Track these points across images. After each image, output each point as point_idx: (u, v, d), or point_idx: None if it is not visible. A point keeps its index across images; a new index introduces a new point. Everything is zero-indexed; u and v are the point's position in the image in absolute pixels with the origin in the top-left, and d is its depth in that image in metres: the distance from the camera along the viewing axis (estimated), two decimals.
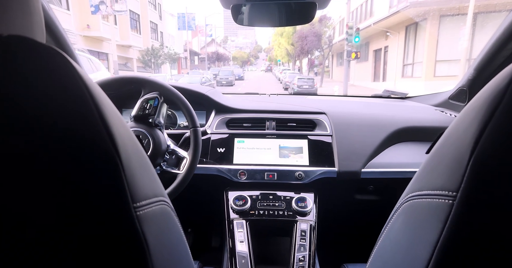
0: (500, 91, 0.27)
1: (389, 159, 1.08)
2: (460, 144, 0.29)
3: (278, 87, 19.07)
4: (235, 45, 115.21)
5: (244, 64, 77.74)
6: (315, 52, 23.27)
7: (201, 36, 38.77)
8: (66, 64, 0.26)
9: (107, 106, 0.28)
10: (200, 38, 40.31)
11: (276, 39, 32.21)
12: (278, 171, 1.05)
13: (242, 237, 0.95)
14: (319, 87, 16.27)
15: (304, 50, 22.19)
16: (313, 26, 20.41)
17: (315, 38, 20.47)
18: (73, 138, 0.25)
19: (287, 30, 26.50)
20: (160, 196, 0.34)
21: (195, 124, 0.93)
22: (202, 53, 38.37)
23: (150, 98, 0.91)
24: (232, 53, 71.89)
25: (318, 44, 20.77)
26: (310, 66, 28.36)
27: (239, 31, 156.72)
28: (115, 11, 13.25)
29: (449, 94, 1.29)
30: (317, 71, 26.98)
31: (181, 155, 0.95)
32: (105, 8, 13.08)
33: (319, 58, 26.23)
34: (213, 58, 43.14)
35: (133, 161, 0.28)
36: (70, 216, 0.25)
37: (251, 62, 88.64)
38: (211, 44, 49.32)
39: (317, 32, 20.42)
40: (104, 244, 0.26)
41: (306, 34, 21.04)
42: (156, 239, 0.30)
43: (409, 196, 0.37)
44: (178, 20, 26.39)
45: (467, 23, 8.89)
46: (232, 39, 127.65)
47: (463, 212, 0.27)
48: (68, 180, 0.24)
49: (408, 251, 0.34)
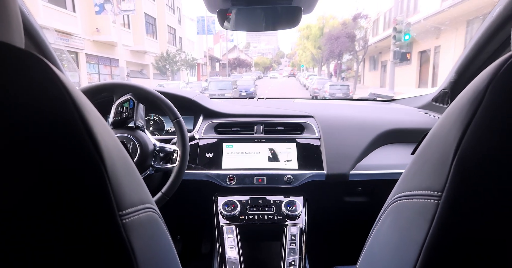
0: (479, 93, 0.28)
1: (376, 160, 1.09)
2: (443, 144, 0.30)
3: (305, 94, 17.03)
4: (257, 51, 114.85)
5: (266, 70, 76.53)
6: (345, 55, 21.04)
7: (222, 41, 37.63)
8: (47, 70, 0.25)
9: (90, 113, 0.27)
10: (221, 44, 39.26)
11: (301, 43, 30.35)
12: (267, 175, 1.05)
13: (232, 243, 0.94)
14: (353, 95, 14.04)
15: (334, 53, 19.97)
16: (346, 26, 18.25)
17: (347, 39, 18.22)
18: (56, 147, 0.24)
19: (313, 33, 24.53)
20: (147, 203, 0.34)
21: (176, 116, 0.92)
22: (224, 59, 37.19)
23: (124, 101, 0.89)
24: (254, 59, 70.87)
25: (351, 46, 18.46)
26: (336, 71, 26.00)
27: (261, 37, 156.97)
28: (121, 10, 11.91)
29: (432, 97, 1.31)
30: (345, 77, 24.71)
31: (170, 149, 0.94)
32: (111, 7, 11.76)
33: (347, 62, 23.94)
34: (234, 64, 41.92)
35: (118, 168, 0.28)
36: (54, 224, 0.24)
37: (273, 68, 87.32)
38: (233, 50, 48.35)
39: (350, 33, 18.16)
40: (89, 253, 0.26)
41: (337, 36, 18.85)
42: (143, 247, 0.29)
43: (396, 197, 0.38)
44: (197, 24, 25.12)
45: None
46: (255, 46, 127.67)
47: (448, 211, 0.28)
48: (51, 189, 0.24)
49: (396, 252, 0.34)
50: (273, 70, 73.57)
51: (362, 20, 18.50)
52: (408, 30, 9.36)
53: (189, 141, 0.93)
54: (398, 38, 9.50)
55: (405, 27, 9.32)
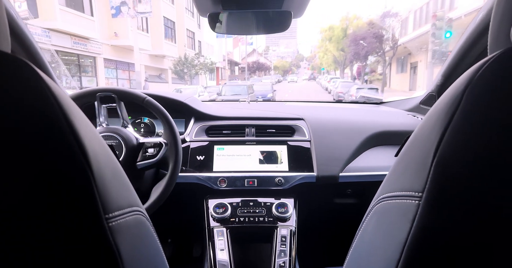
0: (457, 96, 0.29)
1: (365, 162, 1.10)
2: (424, 146, 0.30)
3: (328, 98, 16.07)
4: (276, 55, 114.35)
5: (286, 73, 75.73)
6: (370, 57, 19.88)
7: (241, 45, 37.26)
8: (33, 75, 0.25)
9: (77, 117, 0.27)
10: (241, 48, 38.93)
11: (323, 46, 29.37)
12: (258, 178, 1.05)
13: (222, 245, 0.94)
14: None
15: (359, 55, 18.89)
16: (372, 26, 17.16)
17: (374, 39, 17.10)
18: (42, 151, 0.24)
19: (336, 34, 23.53)
20: (135, 206, 0.33)
21: None
22: (243, 63, 36.81)
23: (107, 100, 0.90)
24: (274, 63, 70.30)
25: (379, 47, 17.32)
26: (360, 74, 24.74)
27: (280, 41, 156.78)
28: (138, 13, 11.51)
29: (420, 100, 1.32)
30: (368, 79, 23.44)
31: (155, 141, 0.93)
32: (127, 10, 11.40)
33: (371, 64, 22.70)
34: (253, 68, 41.46)
35: (105, 171, 0.28)
36: (39, 228, 0.24)
37: (293, 71, 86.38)
38: (252, 54, 47.99)
39: (378, 33, 17.04)
40: (75, 256, 0.25)
41: (363, 36, 17.78)
42: (130, 250, 0.29)
43: (380, 198, 0.38)
44: None
45: None
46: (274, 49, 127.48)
47: (428, 211, 0.28)
48: (36, 193, 0.24)
49: (380, 252, 0.35)
50: (292, 74, 72.58)
51: (391, 19, 17.31)
52: (449, 26, 8.31)
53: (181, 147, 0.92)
54: (438, 36, 8.48)
55: (446, 24, 8.28)
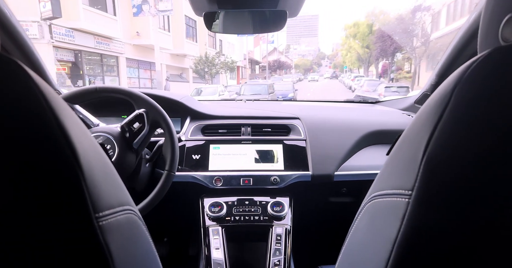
0: (446, 95, 0.29)
1: (360, 161, 1.10)
2: (414, 144, 0.31)
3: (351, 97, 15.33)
4: (297, 53, 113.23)
5: (307, 72, 74.64)
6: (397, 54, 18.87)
7: (262, 43, 36.90)
8: (22, 73, 0.25)
9: (67, 116, 0.27)
10: (261, 47, 38.59)
11: (346, 43, 28.41)
12: (254, 176, 1.05)
13: (217, 244, 0.94)
14: None
15: (386, 52, 17.97)
16: (402, 21, 16.21)
17: (404, 35, 16.14)
18: (30, 150, 0.24)
19: (361, 31, 22.59)
20: (126, 204, 0.33)
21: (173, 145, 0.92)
22: (263, 62, 36.47)
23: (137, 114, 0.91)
24: (295, 61, 69.52)
25: (409, 43, 16.34)
26: (386, 72, 23.58)
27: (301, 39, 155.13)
28: (159, 11, 11.42)
29: (415, 99, 1.33)
30: (394, 77, 22.31)
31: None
32: (148, 8, 11.34)
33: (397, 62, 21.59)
34: (274, 67, 41.04)
35: (95, 170, 0.28)
36: (28, 228, 0.24)
37: (314, 69, 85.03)
38: (273, 52, 47.59)
39: (407, 28, 16.08)
40: (64, 256, 0.25)
41: (391, 32, 16.86)
42: (121, 250, 0.29)
43: (371, 196, 0.39)
44: None
45: None
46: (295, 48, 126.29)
47: (417, 209, 0.29)
48: (25, 193, 0.24)
49: (371, 249, 0.35)
50: (313, 72, 71.34)
51: (423, 13, 16.27)
52: None
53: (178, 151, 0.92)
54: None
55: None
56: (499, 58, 0.28)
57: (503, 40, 0.33)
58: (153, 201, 0.86)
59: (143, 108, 0.88)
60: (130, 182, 0.91)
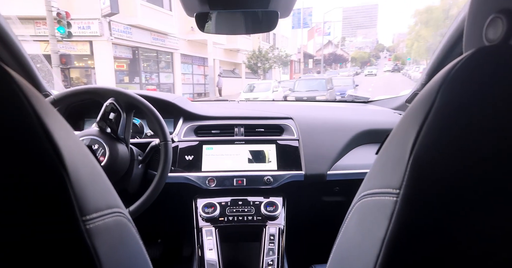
0: (432, 94, 0.30)
1: (352, 160, 1.12)
2: (402, 143, 0.31)
3: None
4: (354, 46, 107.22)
5: (363, 65, 70.01)
6: None
7: (317, 35, 35.12)
8: (3, 75, 0.24)
9: (51, 118, 0.26)
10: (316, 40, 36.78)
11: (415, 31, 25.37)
12: (247, 177, 1.06)
13: (211, 245, 0.95)
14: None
15: None
16: None
17: None
18: (13, 152, 0.24)
19: (435, 17, 19.74)
20: (115, 207, 0.33)
21: (165, 139, 0.92)
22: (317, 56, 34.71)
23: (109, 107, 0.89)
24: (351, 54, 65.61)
25: None
26: None
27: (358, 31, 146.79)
28: None
29: (406, 98, 1.35)
30: None
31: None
32: None
33: None
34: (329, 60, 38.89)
35: (82, 172, 0.28)
36: (14, 231, 0.24)
37: (372, 62, 79.41)
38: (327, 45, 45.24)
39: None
40: (51, 260, 0.25)
41: None
42: (109, 253, 0.29)
43: (361, 195, 0.39)
44: (293, 18, 23.37)
45: None
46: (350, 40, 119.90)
47: (405, 208, 0.29)
48: (9, 195, 0.24)
49: (361, 248, 0.35)
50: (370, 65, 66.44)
51: None
52: None
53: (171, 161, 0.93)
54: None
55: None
56: (482, 58, 0.29)
57: (487, 40, 0.34)
58: (146, 202, 0.86)
59: (110, 97, 0.87)
60: (123, 184, 0.90)
